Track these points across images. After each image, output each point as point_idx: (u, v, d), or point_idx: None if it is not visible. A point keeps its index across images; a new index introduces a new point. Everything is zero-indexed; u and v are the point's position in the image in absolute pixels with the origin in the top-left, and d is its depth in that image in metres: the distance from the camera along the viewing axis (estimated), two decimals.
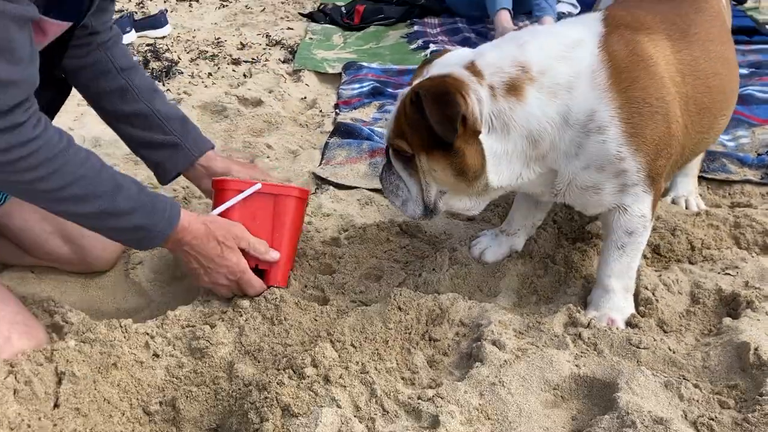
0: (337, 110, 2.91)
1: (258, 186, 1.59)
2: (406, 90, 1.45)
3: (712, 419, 1.19)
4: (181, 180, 1.82)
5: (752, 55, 3.41)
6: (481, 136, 1.38)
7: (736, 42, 3.51)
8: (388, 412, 1.24)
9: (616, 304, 1.50)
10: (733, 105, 1.74)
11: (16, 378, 1.29)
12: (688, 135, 1.50)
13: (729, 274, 1.63)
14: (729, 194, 2.11)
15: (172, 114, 1.69)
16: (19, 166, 1.24)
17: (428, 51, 3.71)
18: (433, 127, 1.34)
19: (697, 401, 1.24)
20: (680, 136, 1.46)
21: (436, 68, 1.46)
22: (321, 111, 2.94)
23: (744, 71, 3.14)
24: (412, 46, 3.88)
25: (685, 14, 1.56)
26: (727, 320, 1.45)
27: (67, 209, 1.36)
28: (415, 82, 1.47)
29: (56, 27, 1.35)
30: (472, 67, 1.41)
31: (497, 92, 1.38)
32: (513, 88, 1.38)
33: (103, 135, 2.55)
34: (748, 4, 4.69)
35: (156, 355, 1.45)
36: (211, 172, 1.72)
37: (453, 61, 1.46)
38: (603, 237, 1.56)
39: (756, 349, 1.30)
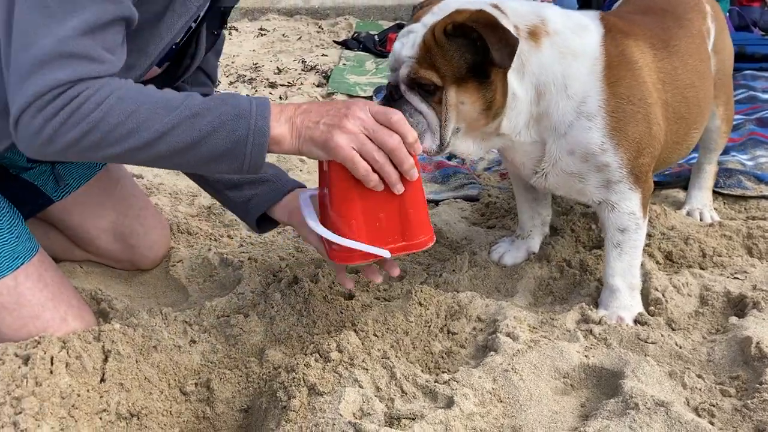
0: None
1: (387, 254, 1.34)
2: (418, 25, 1.42)
3: (713, 406, 1.26)
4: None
5: None
6: (509, 73, 1.42)
7: (762, 69, 3.62)
8: (406, 393, 1.33)
9: (623, 303, 1.58)
10: (705, 120, 1.82)
11: (68, 353, 1.41)
12: (665, 141, 1.59)
13: (738, 278, 1.69)
14: (744, 209, 2.17)
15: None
16: (82, 112, 1.18)
17: None
18: (493, 52, 1.32)
19: (700, 390, 1.31)
20: (661, 139, 1.55)
21: (455, 4, 1.43)
22: None
23: (766, 96, 3.20)
24: None
25: (668, 28, 1.67)
26: (733, 319, 1.51)
27: (147, 136, 1.21)
28: (426, 18, 1.43)
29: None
30: (496, 7, 1.45)
31: (520, 33, 1.43)
32: (533, 34, 1.45)
33: None
34: None
35: (193, 341, 1.56)
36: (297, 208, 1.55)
37: (467, 0, 1.46)
38: (603, 237, 1.64)
39: (758, 343, 1.36)
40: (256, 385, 1.46)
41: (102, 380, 1.41)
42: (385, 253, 1.33)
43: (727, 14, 4.40)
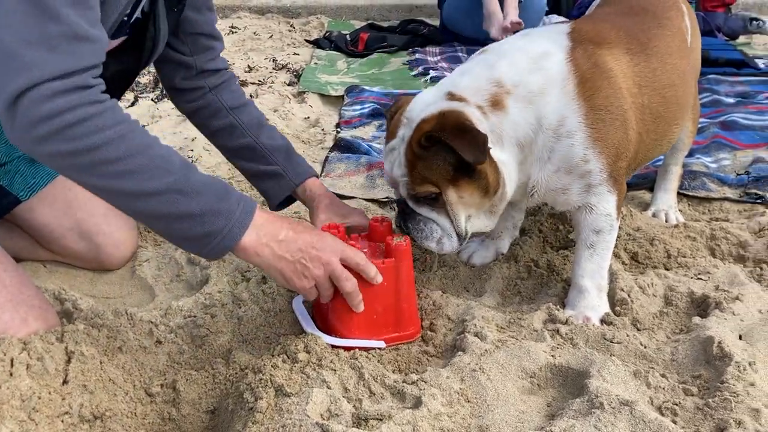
0: (338, 129, 3.04)
1: (381, 344, 1.50)
2: (397, 141, 1.49)
3: (676, 404, 1.28)
4: None
5: (740, 86, 3.54)
6: (491, 152, 1.46)
7: (726, 74, 3.69)
8: (374, 394, 1.33)
9: (591, 303, 1.59)
10: (685, 115, 1.87)
11: (29, 354, 1.38)
12: (642, 141, 1.62)
13: (701, 279, 1.72)
14: (708, 210, 2.21)
15: (276, 146, 1.79)
16: (84, 128, 1.16)
17: (428, 77, 3.85)
18: (465, 157, 1.38)
19: (663, 389, 1.33)
20: (635, 141, 1.58)
21: (417, 111, 1.49)
22: (323, 129, 3.06)
23: (731, 100, 3.27)
24: (413, 73, 4.02)
25: (647, 29, 1.69)
26: (696, 319, 1.54)
27: (130, 186, 1.20)
28: (401, 132, 1.50)
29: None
30: (453, 97, 1.49)
31: (486, 110, 1.48)
32: (496, 103, 1.49)
33: None
34: (741, 40, 4.86)
35: (159, 342, 1.54)
36: (314, 197, 1.77)
37: (427, 101, 1.51)
38: (575, 239, 1.66)
39: (720, 343, 1.39)
40: (223, 386, 1.44)
41: (65, 382, 1.38)
42: (380, 344, 1.49)
43: None
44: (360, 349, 1.46)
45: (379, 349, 1.49)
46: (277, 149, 1.79)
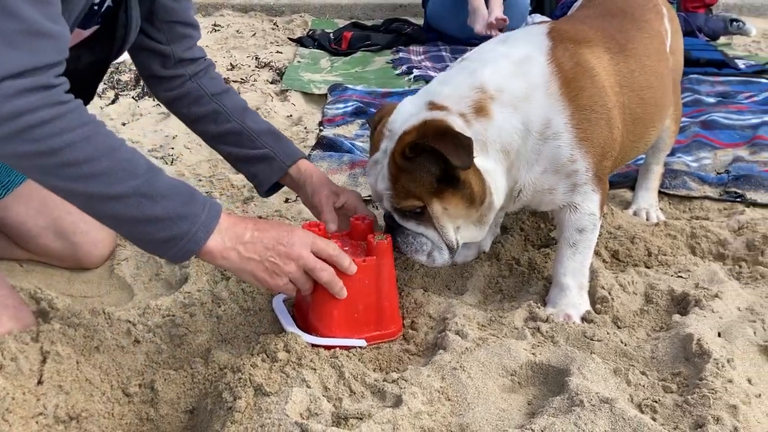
0: (321, 127, 3.02)
1: (363, 343, 1.50)
2: (380, 155, 1.48)
3: (656, 401, 1.28)
4: None
5: (720, 86, 3.57)
6: (476, 160, 1.43)
7: (707, 74, 3.72)
8: (354, 393, 1.32)
9: (572, 301, 1.60)
10: (663, 117, 1.87)
11: (2, 354, 1.36)
12: (622, 142, 1.62)
13: (681, 277, 1.73)
14: (689, 209, 2.22)
15: (263, 129, 1.76)
16: (47, 130, 1.13)
17: (412, 76, 3.84)
18: (452, 160, 1.36)
19: (643, 386, 1.33)
20: (620, 140, 1.58)
21: (399, 122, 1.48)
22: (306, 128, 3.05)
23: (711, 100, 3.30)
24: (397, 71, 4.01)
25: (626, 31, 1.70)
26: (676, 317, 1.55)
27: (95, 189, 1.19)
28: (383, 145, 1.48)
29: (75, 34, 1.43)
30: (434, 106, 1.47)
31: (469, 117, 1.46)
32: (480, 110, 1.47)
33: None
34: (721, 40, 4.90)
35: (137, 341, 1.53)
36: (306, 177, 1.74)
37: (409, 111, 1.49)
38: (557, 237, 1.66)
39: (699, 340, 1.39)
40: (202, 385, 1.43)
41: (39, 382, 1.36)
42: (362, 343, 1.48)
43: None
44: (341, 348, 1.45)
45: (360, 348, 1.48)
46: (265, 132, 1.75)
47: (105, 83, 3.58)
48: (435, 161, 1.40)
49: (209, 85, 1.76)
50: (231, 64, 4.07)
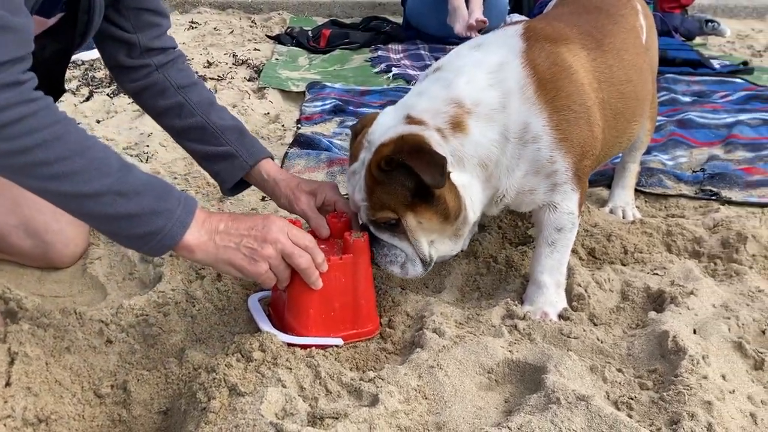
0: (298, 125, 3.00)
1: (339, 342, 1.49)
2: (358, 165, 1.47)
3: (632, 399, 1.28)
4: None
5: (696, 85, 3.61)
6: (451, 176, 1.43)
7: (683, 73, 3.76)
8: (331, 392, 1.30)
9: (549, 299, 1.60)
10: (644, 111, 1.87)
11: None
12: (604, 138, 1.62)
13: (657, 274, 1.74)
14: (665, 207, 2.23)
15: (228, 125, 1.71)
16: (18, 129, 1.11)
17: (390, 74, 3.83)
18: (424, 178, 1.35)
19: (620, 383, 1.34)
20: (600, 137, 1.58)
21: (377, 136, 1.47)
22: (283, 125, 3.02)
23: (688, 99, 3.33)
24: (376, 70, 4.00)
25: (602, 26, 1.70)
26: (652, 314, 1.55)
27: (68, 188, 1.17)
28: (362, 155, 1.48)
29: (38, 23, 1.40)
30: (411, 120, 1.46)
31: (445, 132, 1.45)
32: (457, 125, 1.46)
33: None
34: (697, 41, 4.96)
35: (109, 341, 1.50)
36: (272, 183, 1.70)
37: (387, 124, 1.49)
38: (535, 236, 1.66)
39: (674, 337, 1.40)
40: (176, 386, 1.40)
41: (7, 384, 1.33)
42: (338, 341, 1.47)
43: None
44: (317, 347, 1.43)
45: (337, 346, 1.47)
46: (229, 129, 1.71)
47: (79, 80, 3.53)
48: (409, 175, 1.39)
49: (176, 77, 1.72)
50: (208, 61, 4.03)
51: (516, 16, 4.86)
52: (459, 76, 1.51)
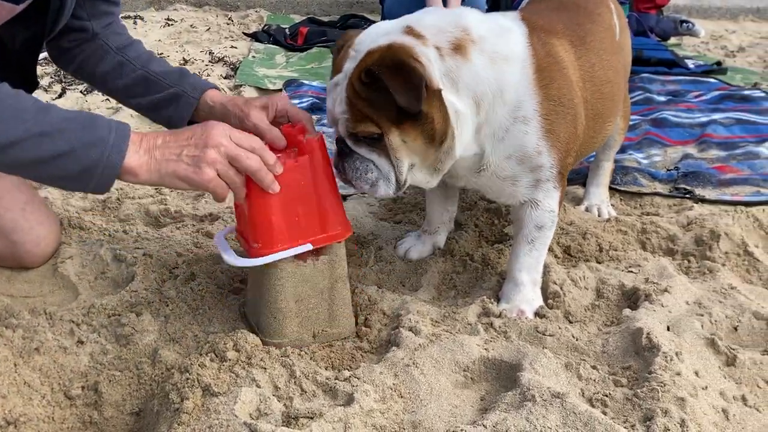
0: None
1: (309, 247, 1.42)
2: (341, 76, 1.39)
3: (606, 395, 1.29)
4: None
5: (671, 85, 3.64)
6: (443, 93, 1.36)
7: (658, 73, 3.79)
8: (305, 392, 1.29)
9: (526, 297, 1.60)
10: (618, 111, 1.88)
11: None
12: (583, 138, 1.63)
13: (632, 271, 1.75)
14: (640, 205, 2.25)
15: (168, 70, 1.68)
16: None
17: None
18: (397, 99, 1.28)
19: (594, 380, 1.34)
20: (581, 136, 1.58)
21: (368, 42, 1.39)
22: None
23: (662, 98, 3.36)
24: None
25: (581, 24, 1.69)
26: (627, 311, 1.56)
27: None
28: (346, 64, 1.39)
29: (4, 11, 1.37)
30: (411, 32, 1.39)
31: (444, 52, 1.38)
32: (458, 48, 1.39)
33: None
34: (672, 41, 5.01)
35: (80, 342, 1.47)
36: (216, 103, 1.65)
37: (385, 30, 1.42)
38: (514, 233, 1.66)
39: (648, 334, 1.41)
40: (148, 387, 1.38)
41: None
42: (308, 247, 1.41)
43: (626, 20, 4.61)
44: (289, 258, 1.40)
45: (309, 252, 1.42)
46: (170, 72, 1.69)
47: (52, 77, 3.48)
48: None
49: (113, 39, 1.71)
50: (184, 58, 3.99)
51: None
52: (471, 12, 1.47)
